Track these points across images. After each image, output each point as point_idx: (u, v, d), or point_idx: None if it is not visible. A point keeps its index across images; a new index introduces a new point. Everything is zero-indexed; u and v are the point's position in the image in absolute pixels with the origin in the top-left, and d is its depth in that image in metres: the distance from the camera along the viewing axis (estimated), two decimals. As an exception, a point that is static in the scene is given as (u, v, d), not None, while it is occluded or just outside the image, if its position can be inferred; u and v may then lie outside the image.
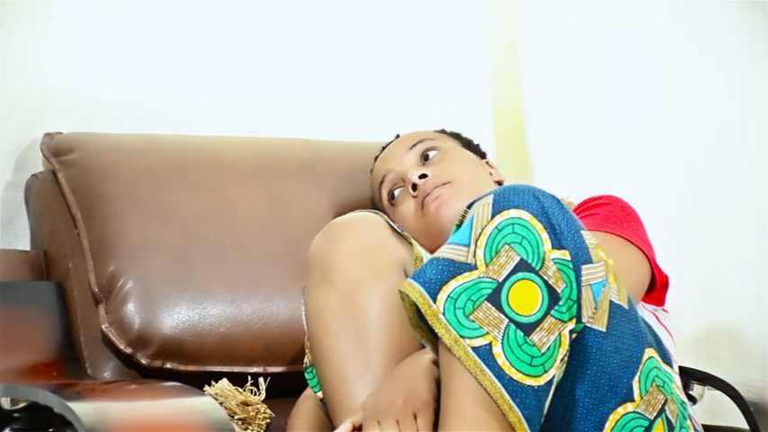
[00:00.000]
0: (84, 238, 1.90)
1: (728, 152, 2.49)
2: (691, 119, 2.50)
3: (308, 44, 2.28)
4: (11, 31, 2.04)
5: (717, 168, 2.49)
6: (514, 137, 2.49)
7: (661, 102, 2.50)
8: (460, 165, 1.87)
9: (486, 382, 1.34)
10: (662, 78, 2.50)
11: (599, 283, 1.41)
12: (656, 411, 1.45)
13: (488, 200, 1.40)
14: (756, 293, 2.45)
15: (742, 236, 2.48)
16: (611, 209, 1.77)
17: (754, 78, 2.46)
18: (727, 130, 2.48)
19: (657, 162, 2.50)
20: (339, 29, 2.31)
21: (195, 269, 1.87)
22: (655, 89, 2.50)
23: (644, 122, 2.50)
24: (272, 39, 2.25)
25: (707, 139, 2.49)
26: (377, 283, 1.56)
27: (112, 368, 1.85)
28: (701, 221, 2.49)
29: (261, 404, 1.79)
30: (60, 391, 1.46)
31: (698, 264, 2.46)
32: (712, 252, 2.47)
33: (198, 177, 1.97)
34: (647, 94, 2.50)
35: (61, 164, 1.96)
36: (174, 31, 2.17)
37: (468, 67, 2.42)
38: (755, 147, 2.49)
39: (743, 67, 2.46)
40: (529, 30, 2.48)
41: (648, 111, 2.51)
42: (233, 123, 2.18)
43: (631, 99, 2.50)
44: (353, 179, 2.02)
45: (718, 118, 2.48)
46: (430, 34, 2.39)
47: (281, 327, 1.88)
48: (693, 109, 2.49)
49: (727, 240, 2.48)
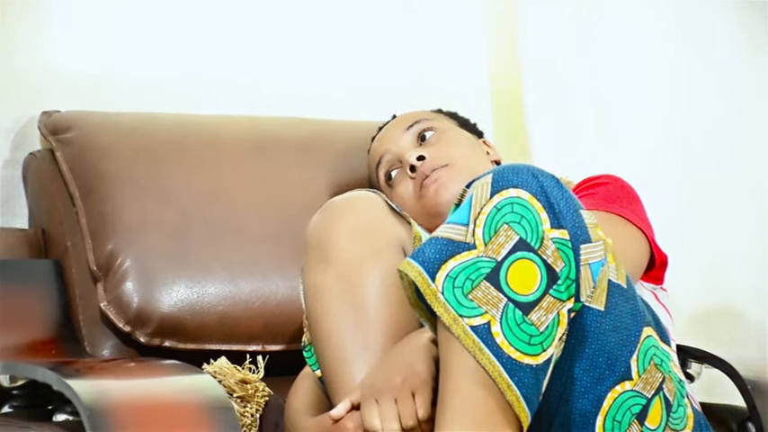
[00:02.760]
0: (82, 216, 1.90)
1: (726, 134, 2.49)
2: (689, 99, 2.50)
3: (306, 23, 2.27)
4: (9, 9, 2.03)
5: (715, 147, 2.50)
6: (513, 117, 2.48)
7: (660, 83, 2.50)
8: (457, 145, 1.86)
9: (484, 361, 1.34)
10: (661, 60, 2.50)
11: (598, 263, 1.41)
12: (653, 390, 1.46)
13: (487, 179, 1.40)
14: (755, 273, 2.46)
15: (740, 216, 2.48)
16: (609, 188, 1.77)
17: (752, 62, 2.45)
18: (725, 111, 2.49)
19: (656, 141, 2.50)
20: (338, 8, 2.30)
21: (194, 248, 1.88)
22: (653, 70, 2.50)
23: (643, 102, 2.50)
24: (272, 18, 2.25)
25: (705, 118, 2.49)
26: (375, 263, 1.56)
27: (111, 346, 1.85)
28: (700, 201, 2.49)
29: (259, 382, 1.79)
30: (59, 369, 1.46)
31: (697, 243, 2.46)
32: (711, 231, 2.48)
33: (196, 156, 1.97)
34: (646, 75, 2.50)
35: (59, 142, 1.96)
36: (173, 9, 2.17)
37: (466, 47, 2.41)
38: (752, 129, 2.49)
39: (741, 51, 2.46)
40: (528, 10, 2.47)
41: (647, 91, 2.50)
42: (232, 102, 2.17)
43: (630, 79, 2.50)
44: (352, 158, 2.02)
45: (716, 100, 2.48)
46: (428, 14, 2.38)
47: (280, 305, 1.88)
48: (692, 90, 2.50)
49: (725, 220, 2.48)
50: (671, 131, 2.50)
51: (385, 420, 1.42)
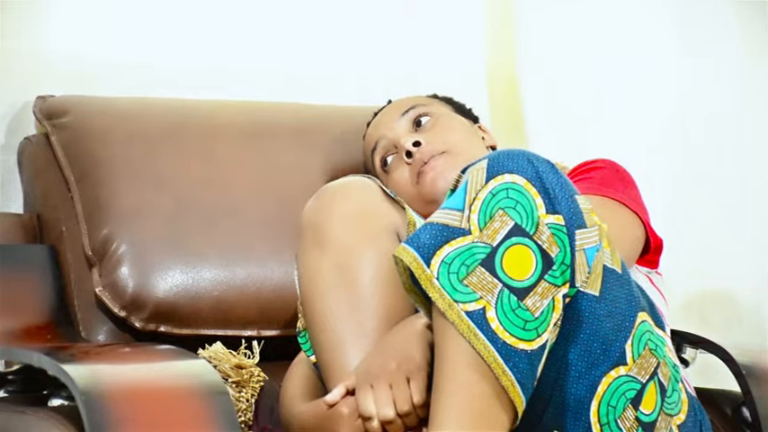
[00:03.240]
0: (77, 201, 1.89)
1: (724, 118, 2.49)
2: (687, 83, 2.49)
3: (303, 8, 2.27)
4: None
5: (712, 132, 2.49)
6: (509, 102, 2.48)
7: (656, 67, 2.50)
8: (453, 131, 1.86)
9: (479, 347, 1.34)
10: (658, 44, 2.49)
11: (593, 248, 1.41)
12: (648, 375, 1.46)
13: (483, 165, 1.40)
14: (750, 257, 2.46)
15: (736, 200, 2.48)
16: (605, 172, 1.77)
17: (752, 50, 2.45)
18: (723, 95, 2.48)
19: (652, 126, 2.49)
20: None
21: (189, 233, 1.87)
22: (650, 54, 2.49)
23: (639, 87, 2.50)
24: (268, 2, 2.24)
25: (703, 102, 2.49)
26: (370, 248, 1.56)
27: (106, 331, 1.85)
28: (695, 185, 2.49)
29: (254, 367, 1.79)
30: (54, 354, 1.46)
31: (692, 227, 2.46)
32: (706, 216, 2.48)
33: (192, 141, 1.97)
34: (643, 59, 2.50)
35: (54, 127, 1.96)
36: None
37: (463, 32, 2.41)
38: (750, 113, 2.49)
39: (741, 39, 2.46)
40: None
41: (643, 76, 2.50)
42: (227, 87, 2.17)
43: (627, 64, 2.50)
44: (347, 144, 2.02)
45: (714, 84, 2.48)
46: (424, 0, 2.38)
47: (275, 290, 1.88)
48: (690, 74, 2.49)
49: (720, 205, 2.48)
50: (667, 116, 2.50)
51: (380, 405, 1.43)
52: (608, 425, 1.43)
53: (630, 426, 1.44)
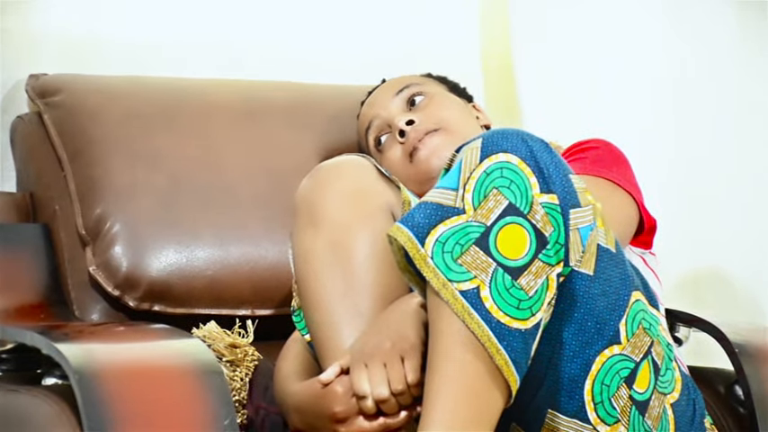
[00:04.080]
0: (70, 180, 1.89)
1: (718, 98, 2.49)
2: (681, 64, 2.49)
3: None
4: (-5, -29, 2.02)
5: (706, 112, 2.49)
6: (503, 81, 2.48)
7: (651, 47, 2.50)
8: (447, 110, 1.86)
9: (473, 326, 1.34)
10: (654, 25, 2.49)
11: (587, 227, 1.41)
12: (642, 353, 1.46)
13: (477, 144, 1.40)
14: (743, 237, 2.46)
15: (729, 180, 2.49)
16: (599, 152, 1.77)
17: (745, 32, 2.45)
18: (717, 75, 2.48)
19: (647, 106, 2.49)
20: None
21: (183, 212, 1.87)
22: (645, 34, 2.49)
23: (633, 67, 2.50)
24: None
25: (697, 83, 2.48)
26: (365, 227, 1.56)
27: (100, 310, 1.85)
28: (689, 165, 2.49)
29: (249, 346, 1.79)
30: (48, 333, 1.46)
31: (686, 208, 2.47)
32: (700, 196, 2.48)
33: (186, 120, 1.96)
34: (638, 39, 2.49)
35: (47, 105, 1.95)
36: (162, -29, 2.16)
37: (457, 11, 2.40)
38: (744, 93, 2.49)
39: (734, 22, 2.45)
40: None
41: (638, 56, 2.50)
42: (221, 65, 2.16)
43: (621, 43, 2.50)
44: (341, 123, 2.02)
45: (708, 64, 2.48)
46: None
47: (269, 270, 1.88)
48: (684, 54, 2.49)
49: (714, 185, 2.48)
50: (661, 96, 2.50)
51: (374, 385, 1.43)
52: (602, 403, 1.44)
53: (624, 404, 1.45)
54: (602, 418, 1.44)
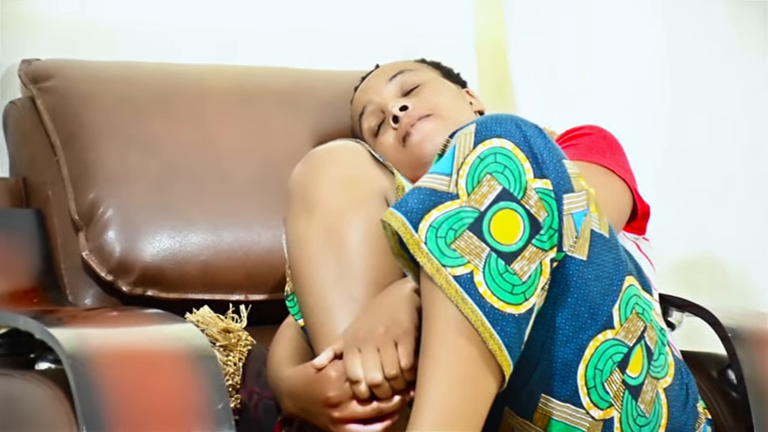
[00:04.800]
0: (63, 165, 1.89)
1: (711, 83, 2.49)
2: (675, 48, 2.49)
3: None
4: (-13, -44, 2.01)
5: (699, 98, 2.49)
6: (497, 67, 2.47)
7: (645, 32, 2.50)
8: (441, 96, 1.86)
9: (467, 311, 1.34)
10: (648, 9, 2.49)
11: (580, 213, 1.41)
12: (635, 338, 1.46)
13: (471, 129, 1.40)
14: (736, 223, 2.47)
15: (722, 166, 2.49)
16: (593, 138, 1.77)
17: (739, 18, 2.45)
18: (710, 60, 2.48)
19: (639, 92, 2.49)
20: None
21: (176, 197, 1.87)
22: (639, 19, 2.49)
23: (627, 52, 2.50)
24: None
25: (690, 68, 2.49)
26: (358, 213, 1.55)
27: (93, 295, 1.85)
28: (683, 151, 2.49)
29: (242, 331, 1.79)
30: (41, 318, 1.46)
31: (679, 193, 2.47)
32: (693, 181, 2.48)
33: (179, 105, 1.96)
34: (632, 24, 2.49)
35: (40, 91, 1.95)
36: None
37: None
38: (737, 78, 2.49)
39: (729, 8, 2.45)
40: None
41: (632, 41, 2.50)
42: (214, 51, 2.16)
43: (616, 28, 2.50)
44: (335, 108, 2.02)
45: (702, 49, 2.48)
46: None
47: (262, 255, 1.88)
48: (678, 39, 2.49)
49: (708, 170, 2.49)
50: (655, 82, 2.50)
51: (368, 369, 1.43)
52: (595, 388, 1.44)
53: (617, 389, 1.45)
54: (595, 402, 1.44)
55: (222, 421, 1.29)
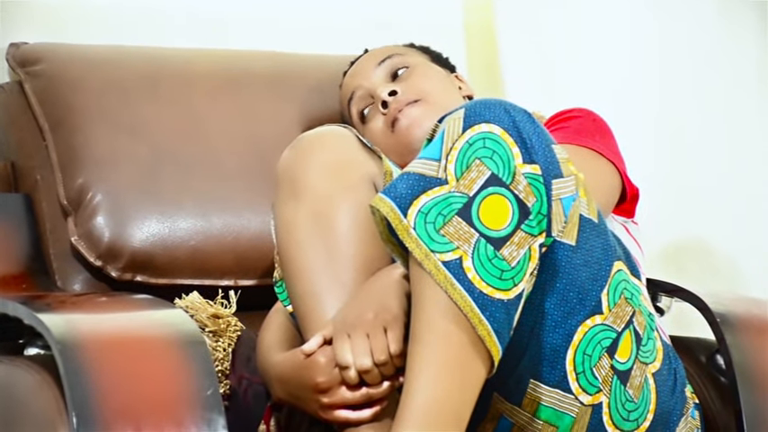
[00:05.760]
0: (52, 150, 1.88)
1: (700, 67, 2.49)
2: (664, 32, 2.49)
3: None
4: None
5: (689, 82, 2.49)
6: (486, 52, 2.47)
7: (634, 15, 2.49)
8: (429, 81, 1.86)
9: (456, 296, 1.34)
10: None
11: (569, 198, 1.41)
12: (623, 323, 1.47)
13: (459, 114, 1.40)
14: (726, 207, 2.47)
15: (712, 150, 2.49)
16: (581, 122, 1.77)
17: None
18: (699, 44, 2.48)
19: (629, 75, 2.49)
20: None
21: (165, 182, 1.87)
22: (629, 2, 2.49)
23: (617, 35, 2.49)
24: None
25: (679, 52, 2.48)
26: (347, 198, 1.55)
27: (82, 281, 1.85)
28: (672, 135, 2.50)
29: (231, 317, 1.79)
30: (30, 303, 1.46)
31: (668, 177, 2.47)
32: (683, 165, 2.49)
33: (167, 89, 1.95)
34: (621, 7, 2.49)
35: (28, 74, 1.94)
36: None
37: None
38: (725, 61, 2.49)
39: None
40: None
41: (621, 24, 2.49)
42: (202, 35, 2.15)
43: (605, 12, 2.49)
44: (323, 93, 2.01)
45: (691, 33, 2.48)
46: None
47: (252, 240, 1.88)
48: (668, 22, 2.49)
49: (697, 154, 2.49)
50: (645, 64, 2.50)
51: (357, 355, 1.43)
52: (583, 373, 1.44)
53: (606, 374, 1.45)
54: (584, 387, 1.45)
55: (211, 407, 1.29)
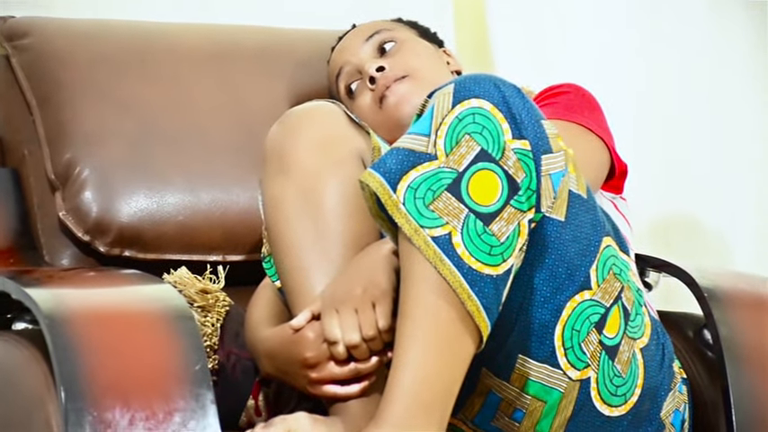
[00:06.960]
0: (39, 124, 1.88)
1: (688, 43, 2.49)
2: (656, 8, 2.49)
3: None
4: None
5: (676, 57, 2.50)
6: (475, 26, 2.47)
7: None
8: (417, 56, 1.85)
9: (445, 272, 1.34)
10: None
11: (558, 173, 1.41)
12: (612, 299, 1.47)
13: (449, 89, 1.40)
14: (713, 182, 2.48)
15: (700, 126, 2.49)
16: (570, 97, 1.77)
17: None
18: (686, 22, 2.48)
19: (617, 51, 2.49)
20: None
21: (153, 157, 1.86)
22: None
23: (605, 12, 2.49)
24: None
25: (667, 28, 2.49)
26: (335, 174, 1.55)
27: (70, 256, 1.84)
28: (660, 110, 2.50)
29: (220, 292, 1.79)
30: (18, 278, 1.46)
31: (657, 152, 2.47)
32: (671, 141, 2.49)
33: (155, 64, 1.95)
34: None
35: (15, 49, 1.93)
36: None
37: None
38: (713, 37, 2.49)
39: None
40: None
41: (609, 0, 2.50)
42: (191, 10, 2.15)
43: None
44: (312, 68, 2.01)
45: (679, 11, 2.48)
46: None
47: (240, 215, 1.88)
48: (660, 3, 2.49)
49: (685, 130, 2.49)
50: (634, 39, 2.50)
51: (345, 330, 1.43)
52: (572, 349, 1.45)
53: (594, 349, 1.46)
54: (573, 363, 1.45)
55: (200, 382, 1.29)
